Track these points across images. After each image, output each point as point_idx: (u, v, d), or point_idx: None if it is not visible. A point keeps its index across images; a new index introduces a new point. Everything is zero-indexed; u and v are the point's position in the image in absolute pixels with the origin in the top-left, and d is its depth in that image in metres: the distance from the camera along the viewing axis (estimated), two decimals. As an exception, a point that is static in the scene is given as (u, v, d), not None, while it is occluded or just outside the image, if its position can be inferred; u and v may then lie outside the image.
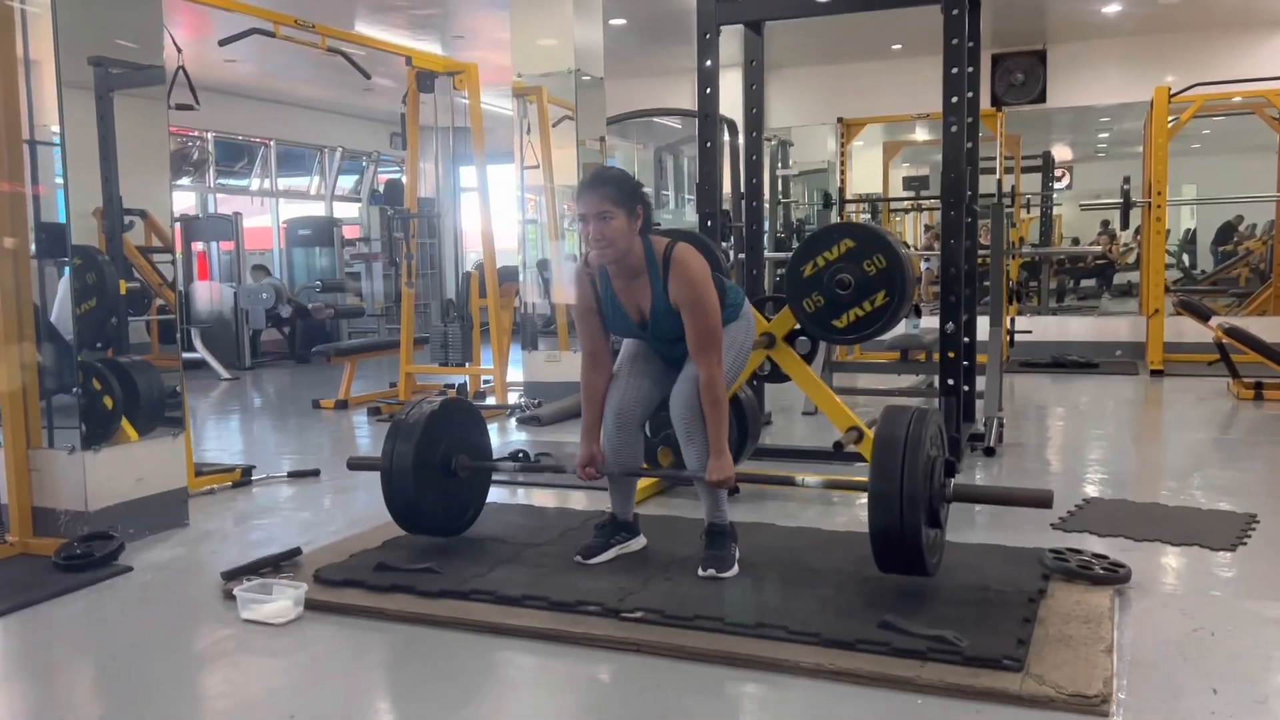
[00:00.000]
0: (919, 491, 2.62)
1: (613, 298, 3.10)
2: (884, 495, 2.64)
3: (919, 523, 2.62)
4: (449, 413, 3.38)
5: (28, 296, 3.66)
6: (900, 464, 2.63)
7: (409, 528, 3.35)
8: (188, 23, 7.74)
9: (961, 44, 4.32)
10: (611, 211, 2.91)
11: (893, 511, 2.62)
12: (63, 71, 3.62)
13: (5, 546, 3.50)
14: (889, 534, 2.65)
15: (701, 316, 2.96)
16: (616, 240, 2.94)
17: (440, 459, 3.31)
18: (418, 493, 3.22)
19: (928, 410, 2.81)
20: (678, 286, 2.96)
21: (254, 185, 12.33)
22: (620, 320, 3.13)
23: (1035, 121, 10.96)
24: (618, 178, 3.01)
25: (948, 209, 4.43)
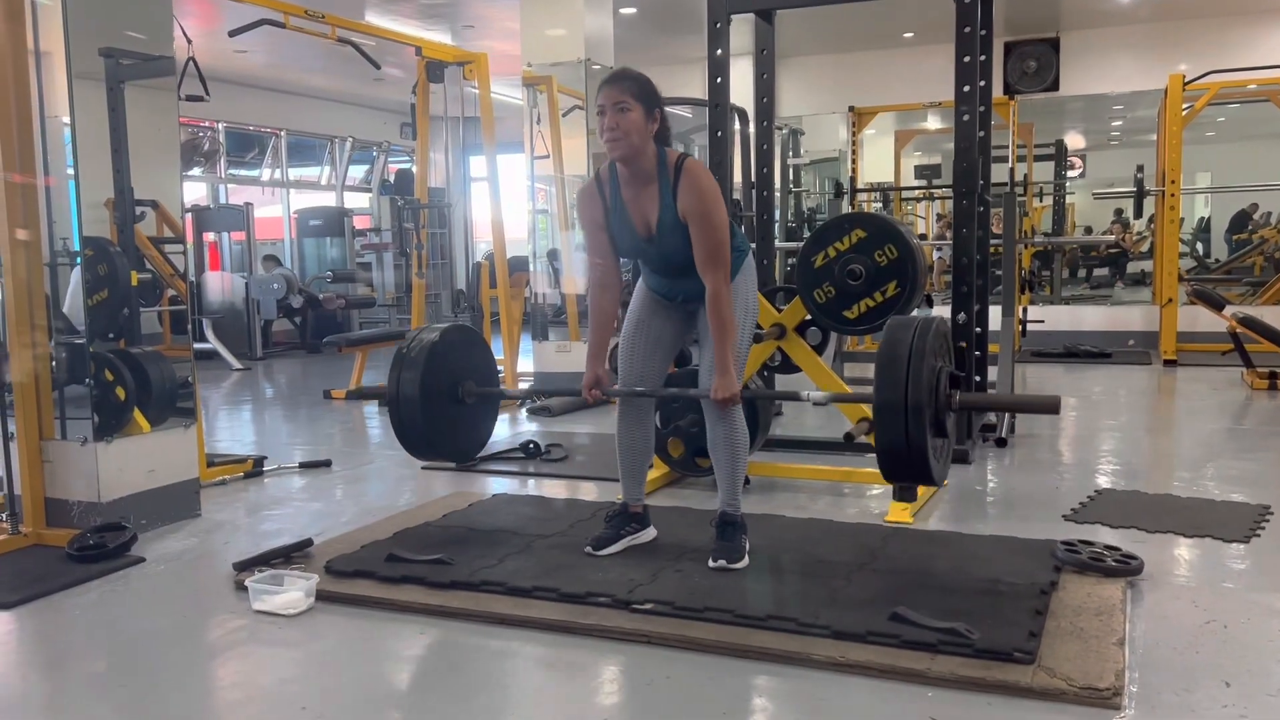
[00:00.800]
0: (924, 401, 2.59)
1: (621, 209, 3.03)
2: (889, 405, 2.61)
3: (924, 432, 2.59)
4: (453, 340, 3.36)
5: (40, 287, 3.68)
6: (905, 374, 2.60)
7: (418, 454, 3.34)
8: (198, 13, 7.75)
9: (974, 32, 4.28)
10: (629, 104, 2.89)
11: (898, 421, 2.59)
12: (73, 63, 3.62)
13: (19, 537, 3.52)
14: (894, 444, 2.62)
15: (710, 230, 2.90)
16: (631, 133, 2.89)
17: (446, 386, 3.30)
18: (425, 419, 3.20)
19: (932, 319, 2.79)
20: (687, 195, 2.91)
21: (265, 175, 12.35)
22: (626, 234, 3.05)
23: (1048, 109, 10.89)
24: (640, 77, 2.98)
25: (960, 198, 4.41)
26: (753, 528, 3.21)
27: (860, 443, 3.93)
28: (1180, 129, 7.95)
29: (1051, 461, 4.70)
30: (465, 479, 4.52)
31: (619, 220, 3.05)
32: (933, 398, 2.64)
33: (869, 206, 10.81)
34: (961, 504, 3.89)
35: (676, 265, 3.02)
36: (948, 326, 2.87)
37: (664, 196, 2.96)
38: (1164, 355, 7.95)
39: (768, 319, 3.96)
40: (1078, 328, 9.16)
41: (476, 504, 3.90)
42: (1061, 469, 4.52)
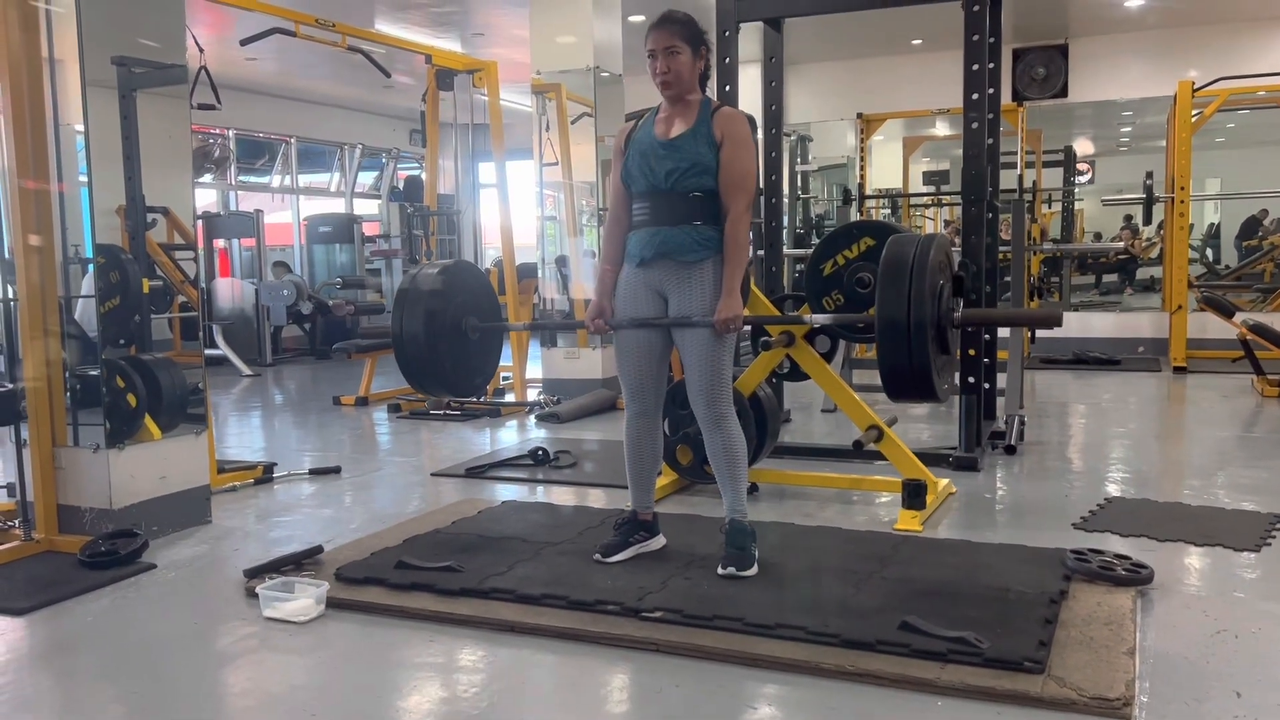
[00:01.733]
0: (927, 315, 2.57)
1: (648, 127, 3.10)
2: (892, 320, 2.59)
3: (927, 347, 2.57)
4: (456, 275, 3.36)
5: (53, 294, 3.70)
6: (908, 287, 2.59)
7: (422, 388, 3.35)
8: (209, 22, 7.79)
9: (982, 40, 4.29)
10: (679, 47, 2.99)
11: (901, 336, 2.58)
12: (87, 71, 3.65)
13: (31, 544, 3.53)
14: (898, 361, 2.61)
15: (743, 150, 2.99)
16: (683, 75, 3.00)
17: (450, 320, 3.31)
18: (429, 353, 3.21)
19: (934, 235, 2.78)
20: (727, 122, 3.00)
21: (275, 182, 12.40)
22: (644, 143, 3.07)
23: (1057, 116, 10.87)
24: (686, 18, 3.06)
25: (968, 205, 4.41)
26: (761, 535, 3.21)
27: (869, 450, 3.96)
28: (1189, 135, 7.94)
29: (1061, 469, 4.69)
30: (474, 486, 4.53)
31: (644, 132, 3.11)
32: (935, 313, 2.62)
33: (877, 213, 10.81)
34: (971, 512, 3.89)
35: (676, 186, 3.01)
36: (949, 242, 2.85)
37: (700, 120, 3.03)
38: (1174, 362, 7.93)
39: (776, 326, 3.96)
40: (1087, 334, 9.13)
41: (486, 511, 3.91)
42: (1071, 477, 4.51)
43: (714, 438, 3.10)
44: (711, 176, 3.00)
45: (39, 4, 3.65)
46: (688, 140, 3.01)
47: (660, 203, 3.06)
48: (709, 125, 3.01)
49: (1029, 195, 9.58)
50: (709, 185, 3.01)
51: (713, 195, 3.02)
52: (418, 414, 6.53)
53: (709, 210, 3.02)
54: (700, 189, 3.01)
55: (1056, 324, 2.80)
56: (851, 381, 6.22)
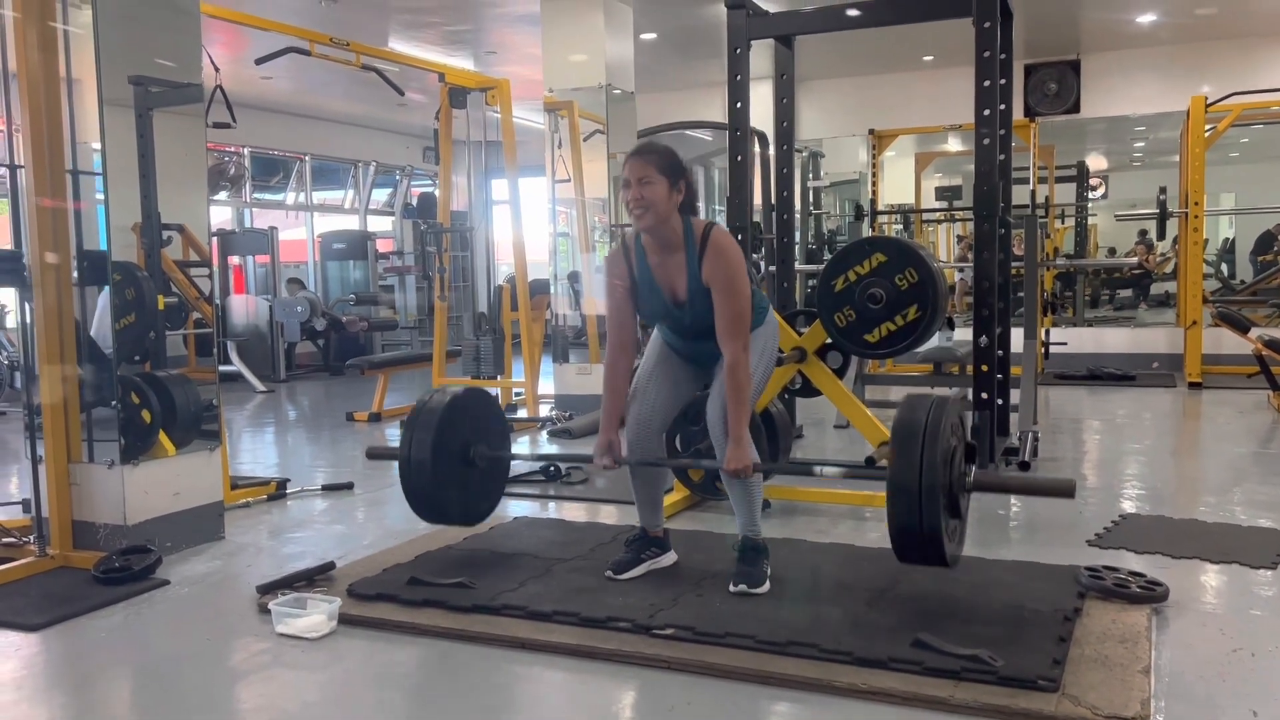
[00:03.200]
0: (938, 481, 2.57)
1: (648, 274, 3.10)
2: (903, 485, 2.60)
3: (938, 513, 2.57)
4: (467, 402, 3.37)
5: (69, 311, 3.73)
6: (919, 453, 2.59)
7: (427, 517, 3.35)
8: (225, 41, 7.86)
9: (993, 57, 4.29)
10: (653, 178, 2.97)
11: (912, 501, 2.58)
12: (104, 90, 3.69)
13: (46, 560, 3.55)
14: (908, 524, 2.61)
15: (732, 298, 2.97)
16: (656, 204, 2.97)
17: (459, 448, 3.31)
18: (436, 482, 3.22)
19: (948, 397, 2.78)
20: (713, 263, 2.98)
21: (289, 199, 12.48)
22: (654, 299, 3.11)
23: (1069, 131, 10.86)
24: (663, 150, 3.04)
25: (981, 222, 4.40)
26: (773, 553, 3.21)
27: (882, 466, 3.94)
28: (1203, 151, 7.92)
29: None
30: (486, 502, 4.53)
31: (646, 288, 3.11)
32: (947, 479, 2.62)
33: (889, 229, 10.81)
34: (984, 529, 3.87)
35: (703, 331, 3.07)
36: (962, 403, 2.87)
37: (690, 265, 3.02)
38: (1188, 378, 7.89)
39: (788, 342, 3.97)
40: (1101, 350, 9.09)
41: (497, 527, 3.91)
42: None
43: None
44: None
45: (57, 25, 3.70)
46: (695, 299, 3.04)
47: (694, 332, 3.12)
48: (699, 276, 3.01)
49: (1042, 211, 9.56)
50: None
51: None
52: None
53: None
54: None
55: (1069, 495, 2.80)
56: (864, 397, 6.21)
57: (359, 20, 7.96)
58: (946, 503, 2.61)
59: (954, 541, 2.71)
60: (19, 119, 3.65)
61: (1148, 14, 8.74)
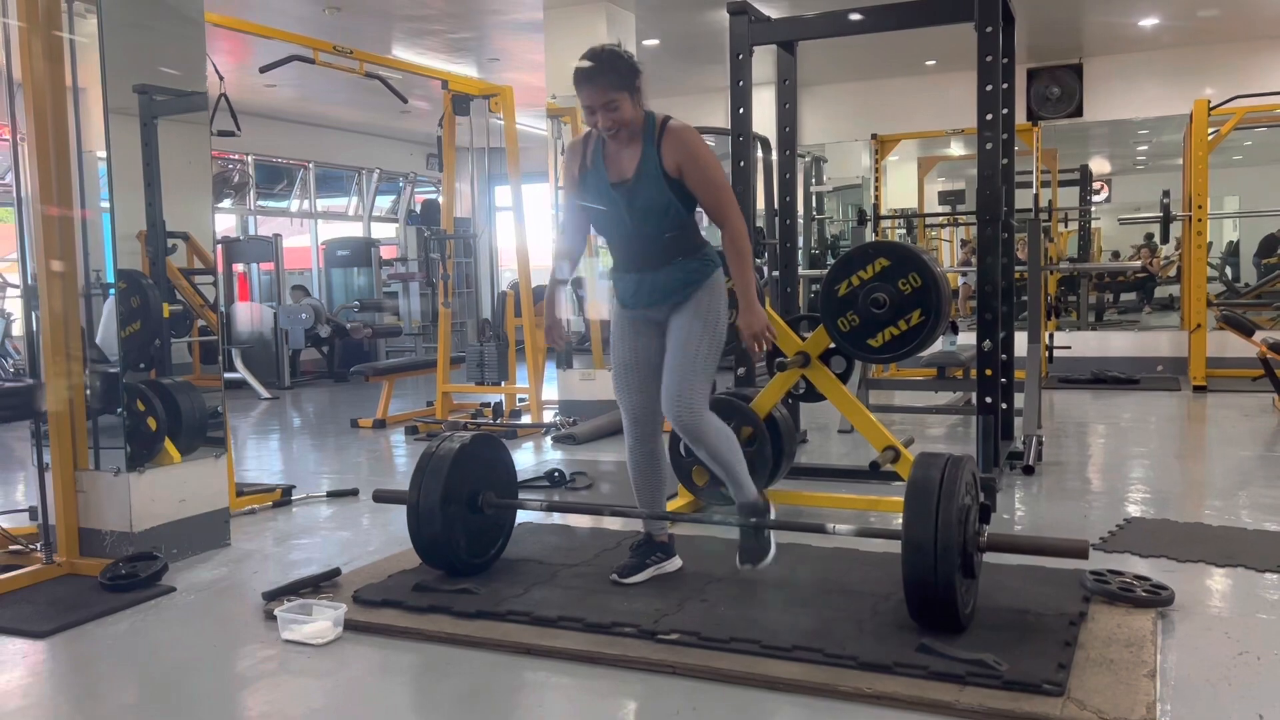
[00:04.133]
0: (953, 542, 2.56)
1: (600, 162, 3.02)
2: (918, 546, 2.58)
3: (953, 575, 2.56)
4: (476, 449, 3.36)
5: (75, 318, 3.74)
6: (934, 513, 2.58)
7: (433, 563, 3.32)
8: (229, 50, 7.89)
9: (996, 61, 4.30)
10: (616, 99, 2.87)
11: (926, 563, 2.56)
12: (109, 99, 3.71)
13: (53, 567, 3.56)
14: (923, 586, 2.59)
15: (709, 173, 2.92)
16: (628, 122, 2.91)
17: (467, 496, 3.31)
18: (444, 529, 3.19)
19: (963, 457, 2.77)
20: (674, 145, 2.91)
21: (293, 207, 12.51)
22: (599, 185, 3.01)
23: (1072, 135, 10.87)
24: (610, 62, 2.89)
25: (984, 226, 4.41)
26: (777, 558, 3.20)
27: (886, 471, 3.95)
28: (1206, 154, 7.92)
29: (1080, 489, 4.66)
30: (491, 508, 4.53)
31: (595, 173, 3.03)
32: (961, 538, 2.61)
33: (892, 233, 10.81)
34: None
35: (644, 230, 2.98)
36: (976, 465, 2.92)
37: (646, 147, 2.95)
38: (1193, 381, 7.88)
39: (792, 347, 3.97)
40: (1105, 353, 9.09)
41: (502, 533, 3.91)
42: (1090, 497, 4.49)
43: (699, 450, 3.10)
44: (677, 212, 2.96)
45: (63, 34, 3.72)
46: (642, 180, 2.94)
47: (635, 246, 3.05)
48: (656, 160, 2.93)
49: (1045, 215, 9.56)
50: (677, 222, 2.98)
51: (684, 226, 3.00)
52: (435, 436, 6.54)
53: (685, 243, 3.02)
54: (670, 229, 2.99)
55: (1083, 556, 2.79)
56: (868, 402, 6.21)
57: (362, 28, 7.99)
58: (961, 562, 2.60)
59: (967, 601, 2.68)
60: (24, 128, 3.67)
61: (1150, 17, 8.74)
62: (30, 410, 3.65)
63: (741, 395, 4.13)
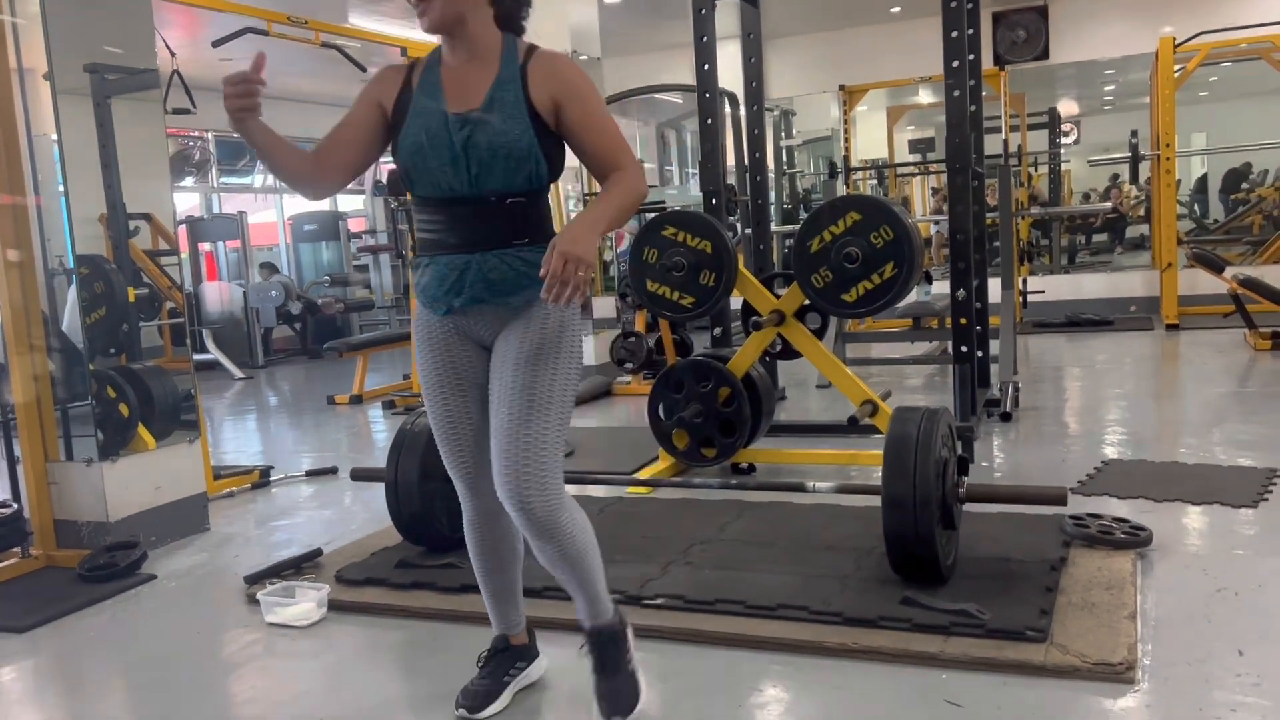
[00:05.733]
0: (932, 496, 2.58)
1: (431, 87, 2.06)
2: (897, 501, 2.60)
3: (933, 528, 2.57)
4: None
5: (36, 308, 3.67)
6: (912, 468, 2.60)
7: (415, 540, 3.30)
8: (180, 24, 7.70)
9: (960, 6, 4.26)
10: None
11: (906, 518, 2.58)
12: (58, 79, 3.61)
13: (30, 560, 3.52)
14: (904, 540, 2.61)
15: (598, 105, 2.05)
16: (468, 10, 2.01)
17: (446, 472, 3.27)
18: (424, 505, 3.18)
19: (938, 410, 2.78)
20: (550, 77, 2.03)
21: (257, 183, 12.33)
22: (426, 109, 2.04)
23: (1039, 78, 10.85)
24: None
25: (954, 175, 4.39)
26: (759, 515, 3.22)
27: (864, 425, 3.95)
28: (1173, 92, 7.92)
29: (1057, 434, 4.70)
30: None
31: (426, 96, 2.06)
32: (940, 491, 2.62)
33: (864, 185, 10.79)
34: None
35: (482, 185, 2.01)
36: (952, 417, 2.89)
37: (505, 69, 2.04)
38: (1166, 320, 7.94)
39: (766, 305, 3.95)
40: (1078, 296, 9.14)
41: (484, 504, 3.89)
42: (1068, 441, 4.52)
43: (547, 544, 2.12)
44: (535, 166, 2.02)
45: (4, 17, 3.61)
46: (494, 109, 2.01)
47: (462, 213, 2.05)
48: (520, 89, 2.02)
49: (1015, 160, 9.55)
50: (530, 184, 2.04)
51: (537, 195, 2.07)
52: (413, 410, 6.51)
53: (533, 220, 2.06)
54: (518, 190, 2.03)
55: (1061, 503, 2.81)
56: (844, 356, 6.22)
57: (317, -4, 7.81)
58: (940, 514, 2.61)
59: (947, 551, 2.70)
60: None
61: (1113, -44, 8.70)
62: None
63: (718, 356, 4.12)
